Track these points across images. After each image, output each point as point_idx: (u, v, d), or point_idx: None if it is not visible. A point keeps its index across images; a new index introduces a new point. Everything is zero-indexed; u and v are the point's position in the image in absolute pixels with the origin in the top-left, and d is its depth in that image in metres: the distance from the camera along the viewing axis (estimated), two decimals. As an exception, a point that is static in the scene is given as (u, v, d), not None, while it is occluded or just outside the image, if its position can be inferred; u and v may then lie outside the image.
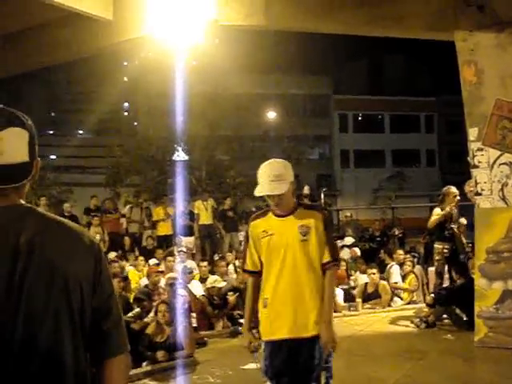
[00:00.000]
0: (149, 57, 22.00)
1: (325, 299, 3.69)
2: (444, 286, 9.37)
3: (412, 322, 8.89)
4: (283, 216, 3.74)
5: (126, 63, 28.65)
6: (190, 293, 8.58)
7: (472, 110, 7.60)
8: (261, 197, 3.78)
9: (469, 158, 7.65)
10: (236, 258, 12.55)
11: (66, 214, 13.94)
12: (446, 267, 9.22)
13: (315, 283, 3.69)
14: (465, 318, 8.31)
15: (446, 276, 9.42)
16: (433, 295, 9.09)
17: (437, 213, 9.19)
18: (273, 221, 3.77)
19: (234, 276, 11.19)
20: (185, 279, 9.01)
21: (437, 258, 9.29)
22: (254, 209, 18.37)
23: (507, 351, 6.97)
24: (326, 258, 3.70)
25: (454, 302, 8.58)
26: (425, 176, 41.74)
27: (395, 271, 11.33)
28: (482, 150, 7.47)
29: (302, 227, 3.68)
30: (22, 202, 1.81)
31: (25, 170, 1.78)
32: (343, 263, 11.07)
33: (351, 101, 44.26)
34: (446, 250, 8.94)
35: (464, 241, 9.36)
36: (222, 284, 9.41)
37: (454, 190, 9.19)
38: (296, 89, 37.83)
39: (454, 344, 7.81)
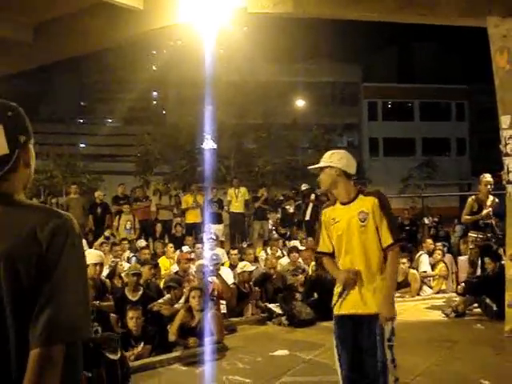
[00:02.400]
0: (177, 45, 22.11)
1: (386, 278, 3.92)
2: (476, 275, 9.28)
3: (442, 312, 8.84)
4: (346, 204, 4.06)
5: (154, 52, 28.78)
6: (221, 279, 8.64)
7: (504, 96, 7.48)
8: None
9: (501, 146, 7.55)
10: (264, 245, 12.61)
11: (98, 201, 14.13)
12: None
13: (375, 265, 3.95)
14: (495, 308, 8.24)
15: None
16: (463, 284, 9.02)
17: (469, 203, 9.08)
18: (338, 209, 4.11)
19: (263, 264, 11.25)
20: (213, 266, 9.07)
21: (470, 246, 9.21)
22: (281, 197, 18.40)
23: (538, 341, 6.92)
24: (388, 240, 3.93)
25: (484, 292, 8.51)
26: (455, 165, 41.28)
27: (424, 260, 11.27)
28: (514, 137, 7.37)
29: (361, 213, 3.96)
30: (13, 189, 1.88)
31: (4, 161, 1.85)
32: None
33: (380, 88, 43.83)
34: (479, 239, 8.85)
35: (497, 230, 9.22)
36: (252, 268, 9.46)
37: (487, 177, 9.05)
38: (325, 77, 37.67)
39: (484, 334, 7.75)
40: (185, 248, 11.15)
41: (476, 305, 8.86)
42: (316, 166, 4.14)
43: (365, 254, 3.95)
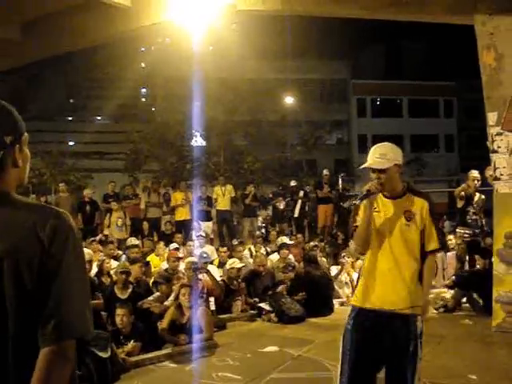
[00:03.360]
0: (166, 43, 22.05)
1: (425, 280, 3.79)
2: (465, 269, 9.35)
3: (435, 308, 8.88)
4: (391, 198, 3.86)
5: (143, 49, 28.68)
6: (211, 276, 8.66)
7: (491, 94, 7.54)
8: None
9: (488, 143, 7.61)
10: (253, 244, 12.63)
11: (87, 199, 14.09)
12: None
13: (412, 267, 3.78)
14: (481, 303, 8.32)
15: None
16: (453, 277, 9.08)
17: (458, 190, 9.15)
18: (381, 200, 3.88)
19: (251, 260, 11.28)
20: (202, 264, 9.09)
21: (458, 242, 9.27)
22: (271, 195, 18.44)
23: (525, 336, 6.99)
24: (434, 245, 3.80)
25: (472, 287, 8.58)
26: (443, 161, 41.43)
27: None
28: (501, 134, 7.43)
29: (408, 212, 3.80)
30: (6, 187, 1.87)
31: None
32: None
33: (369, 85, 43.89)
34: (466, 235, 8.92)
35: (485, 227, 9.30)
36: (240, 265, 9.50)
37: (474, 173, 9.12)
38: (313, 74, 37.70)
39: (472, 329, 7.83)
40: (172, 245, 11.14)
41: (464, 300, 8.94)
42: (380, 166, 3.75)
43: (404, 253, 3.78)
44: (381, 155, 3.78)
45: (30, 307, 1.74)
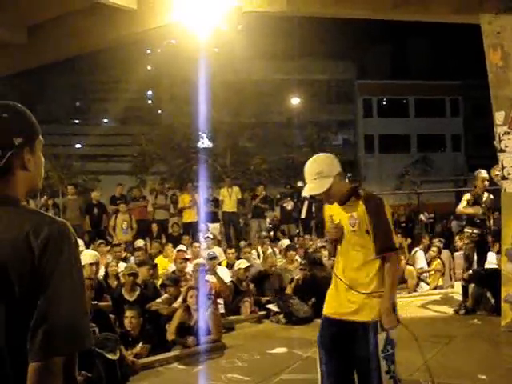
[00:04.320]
0: (172, 45, 22.08)
1: (385, 286, 3.71)
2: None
3: (453, 310, 8.84)
4: (341, 204, 3.84)
5: (149, 52, 28.75)
6: (219, 278, 8.66)
7: (498, 93, 7.52)
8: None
9: (495, 142, 7.59)
10: (261, 245, 12.63)
11: (95, 202, 14.12)
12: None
13: (368, 273, 3.73)
14: (492, 303, 8.30)
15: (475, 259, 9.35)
16: (471, 272, 9.04)
17: (465, 198, 9.08)
18: (335, 208, 3.88)
19: (258, 261, 11.29)
20: (210, 265, 9.10)
21: (466, 242, 9.23)
22: (278, 196, 18.43)
23: (534, 336, 6.97)
24: (380, 246, 3.71)
25: (487, 285, 8.55)
26: (450, 161, 41.35)
27: (420, 256, 11.33)
28: (508, 133, 7.40)
29: (351, 218, 3.77)
30: (12, 191, 1.85)
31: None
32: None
33: (375, 85, 43.86)
34: (474, 235, 8.88)
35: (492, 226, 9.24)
36: (246, 264, 9.52)
37: (483, 173, 9.05)
38: (319, 74, 37.71)
39: (481, 328, 7.80)
40: (179, 247, 11.16)
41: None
42: (320, 190, 3.71)
43: (357, 259, 3.75)
44: (317, 174, 3.66)
45: (19, 318, 1.71)
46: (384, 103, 46.29)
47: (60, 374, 1.71)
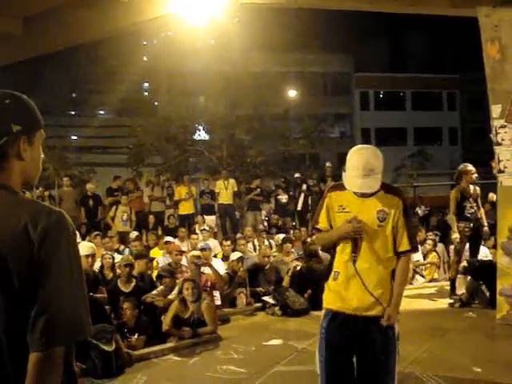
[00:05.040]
0: (168, 36, 22.00)
1: (396, 283, 3.64)
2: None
3: (450, 305, 8.86)
4: (363, 197, 3.62)
5: (145, 43, 28.63)
6: (214, 270, 8.67)
7: (495, 86, 7.52)
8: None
9: (491, 136, 7.59)
10: (257, 237, 12.64)
11: (90, 193, 14.11)
12: (467, 246, 9.18)
13: (387, 269, 3.62)
14: (488, 296, 8.32)
15: (467, 254, 9.37)
16: (466, 263, 9.07)
17: (453, 196, 9.06)
18: (351, 198, 3.64)
19: (254, 254, 11.30)
20: (206, 257, 9.11)
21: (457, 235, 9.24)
22: (273, 187, 18.43)
23: (529, 328, 7.00)
24: (405, 246, 3.61)
25: (481, 278, 8.58)
26: (447, 154, 41.35)
27: (416, 249, 11.34)
28: (504, 127, 7.40)
29: (381, 212, 3.58)
30: (8, 181, 1.86)
31: None
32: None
33: (372, 78, 43.85)
34: (467, 229, 8.90)
35: (484, 222, 9.23)
36: (239, 254, 9.54)
37: (470, 167, 9.09)
38: (316, 67, 37.57)
39: (476, 321, 7.83)
40: (169, 238, 11.16)
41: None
42: (373, 189, 3.55)
43: (378, 254, 3.59)
44: (370, 171, 3.48)
45: (18, 309, 1.72)
46: (381, 96, 46.30)
47: (61, 364, 1.73)
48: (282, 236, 12.04)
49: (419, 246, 11.39)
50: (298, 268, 9.39)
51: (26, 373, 1.69)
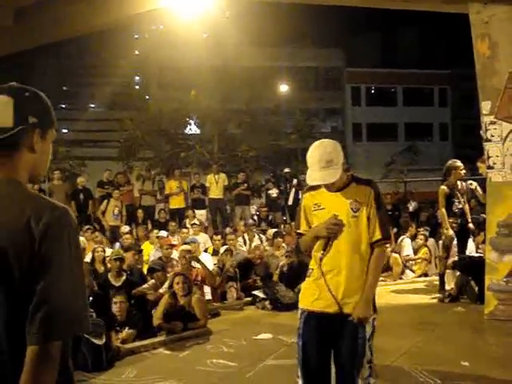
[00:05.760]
0: (160, 30, 21.92)
1: (369, 276, 3.61)
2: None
3: (438, 299, 8.92)
4: (334, 191, 3.65)
5: (136, 37, 28.52)
6: (203, 265, 8.69)
7: (485, 83, 7.56)
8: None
9: (481, 132, 7.64)
10: (246, 232, 12.66)
11: (80, 187, 14.07)
12: (455, 241, 9.23)
13: (362, 261, 3.61)
14: (477, 291, 8.39)
15: (455, 249, 9.43)
16: (456, 259, 9.14)
17: (442, 192, 9.09)
18: (325, 195, 3.68)
19: (244, 248, 11.33)
20: (195, 252, 9.13)
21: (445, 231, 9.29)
22: (263, 182, 18.46)
23: (516, 323, 7.06)
24: (377, 235, 3.60)
25: (470, 273, 8.64)
26: (437, 150, 41.43)
27: (407, 244, 11.41)
28: (494, 123, 7.45)
29: (353, 203, 3.60)
30: (14, 173, 1.87)
31: (9, 136, 1.85)
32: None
33: (364, 74, 43.86)
34: (454, 225, 8.95)
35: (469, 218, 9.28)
36: (224, 248, 9.59)
37: (459, 163, 9.14)
38: (308, 62, 37.51)
39: (465, 316, 7.89)
40: (162, 233, 11.16)
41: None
42: (331, 180, 3.53)
43: (353, 247, 3.58)
44: (327, 163, 3.49)
45: (18, 303, 1.73)
46: (372, 91, 46.34)
47: (57, 359, 1.73)
48: (273, 230, 12.08)
49: (409, 241, 11.48)
50: (285, 269, 9.42)
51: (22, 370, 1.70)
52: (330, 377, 3.63)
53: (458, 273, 9.05)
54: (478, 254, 9.48)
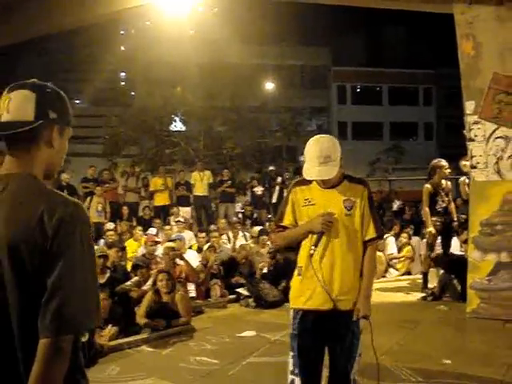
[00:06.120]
0: (146, 26, 21.82)
1: (365, 274, 3.62)
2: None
3: (421, 297, 8.97)
4: (327, 188, 3.63)
5: (122, 32, 28.38)
6: (187, 263, 8.67)
7: (469, 83, 7.61)
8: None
9: (465, 132, 7.69)
10: (231, 229, 12.64)
11: (64, 183, 13.97)
12: (439, 240, 9.30)
13: (355, 259, 3.61)
14: (459, 289, 8.45)
15: (438, 248, 9.49)
16: (439, 252, 9.22)
17: (426, 191, 9.14)
18: (316, 191, 3.64)
19: (228, 246, 11.33)
20: (179, 248, 9.11)
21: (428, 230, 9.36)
22: (248, 180, 18.45)
23: (498, 322, 7.12)
24: (371, 234, 3.62)
25: (453, 272, 8.70)
26: (422, 149, 41.64)
27: (391, 242, 11.46)
28: (478, 123, 7.51)
29: (347, 201, 3.59)
30: (31, 168, 1.90)
31: (29, 129, 1.88)
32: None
33: (350, 72, 43.99)
34: (438, 223, 9.01)
35: (454, 217, 9.36)
36: (207, 245, 9.59)
37: (444, 162, 9.22)
38: (294, 60, 37.55)
39: (447, 314, 7.95)
40: (151, 230, 11.14)
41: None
42: (330, 176, 3.51)
43: (346, 245, 3.57)
44: (326, 158, 3.49)
45: (31, 296, 1.75)
46: (358, 90, 46.48)
47: (68, 353, 1.75)
48: (258, 228, 12.09)
49: (393, 239, 11.53)
50: (265, 271, 9.44)
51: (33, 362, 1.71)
52: (321, 373, 3.66)
53: (442, 271, 9.12)
54: (460, 253, 9.57)
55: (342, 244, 3.57)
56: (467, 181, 9.32)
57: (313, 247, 3.56)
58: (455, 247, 9.98)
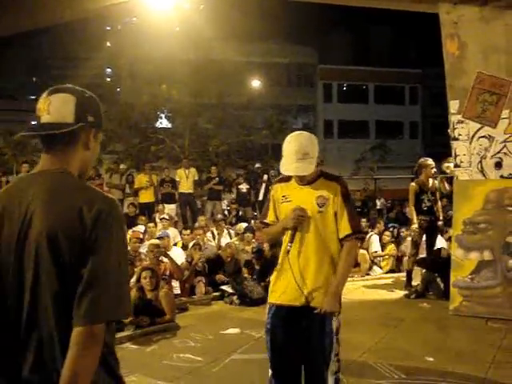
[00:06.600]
0: (133, 23, 21.74)
1: (337, 270, 3.60)
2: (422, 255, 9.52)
3: (404, 295, 9.02)
4: (303, 184, 3.67)
5: (108, 28, 28.26)
6: (171, 260, 8.65)
7: (454, 82, 7.66)
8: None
9: (449, 131, 7.75)
10: (216, 227, 12.63)
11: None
12: (424, 238, 9.35)
13: (330, 256, 3.62)
14: (442, 288, 8.52)
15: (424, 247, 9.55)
16: (423, 256, 9.29)
17: (412, 189, 9.20)
18: (293, 188, 3.71)
19: (213, 243, 11.31)
20: (165, 246, 9.09)
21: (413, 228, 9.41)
22: (234, 177, 18.45)
23: (480, 320, 7.19)
24: (346, 230, 3.59)
25: (437, 270, 8.77)
26: (407, 148, 41.90)
27: (375, 241, 11.52)
28: (462, 122, 7.57)
29: (320, 198, 3.61)
30: (67, 166, 1.99)
31: (69, 131, 1.97)
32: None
33: (336, 71, 44.12)
34: (423, 222, 9.08)
35: (440, 216, 9.43)
36: (192, 243, 9.59)
37: (430, 161, 9.29)
38: (281, 58, 37.67)
39: (430, 312, 8.00)
40: (139, 227, 11.11)
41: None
42: (307, 172, 3.56)
43: (320, 241, 3.59)
44: (304, 155, 3.52)
45: (68, 287, 1.83)
46: (344, 89, 46.63)
47: (102, 341, 1.84)
48: (244, 225, 12.08)
49: (377, 237, 11.59)
50: (254, 265, 9.47)
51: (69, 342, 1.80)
52: (300, 371, 3.65)
53: (425, 270, 9.19)
54: (441, 246, 9.65)
55: (315, 240, 3.60)
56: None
57: (289, 244, 3.62)
58: (441, 245, 10.03)
